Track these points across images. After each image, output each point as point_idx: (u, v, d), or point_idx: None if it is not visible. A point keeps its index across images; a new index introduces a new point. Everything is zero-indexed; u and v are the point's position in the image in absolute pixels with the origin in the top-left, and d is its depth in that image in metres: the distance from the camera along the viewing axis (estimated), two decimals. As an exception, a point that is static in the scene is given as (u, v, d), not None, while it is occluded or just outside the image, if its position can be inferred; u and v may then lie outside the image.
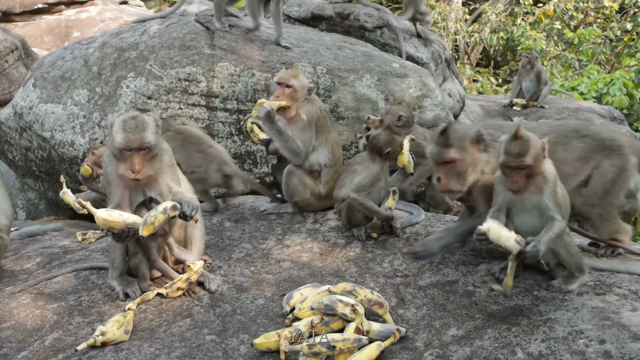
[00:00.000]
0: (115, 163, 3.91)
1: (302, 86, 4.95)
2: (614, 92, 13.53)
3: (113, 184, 3.97)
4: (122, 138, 3.79)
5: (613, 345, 3.11)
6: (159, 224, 3.73)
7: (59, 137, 6.67)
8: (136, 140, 3.79)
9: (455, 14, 18.63)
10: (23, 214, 7.88)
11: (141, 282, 4.01)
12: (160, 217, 3.72)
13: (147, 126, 3.85)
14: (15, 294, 4.12)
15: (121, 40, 7.23)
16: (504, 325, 3.41)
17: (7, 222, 4.53)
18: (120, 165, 3.85)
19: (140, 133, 3.81)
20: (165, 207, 3.75)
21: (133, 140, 3.78)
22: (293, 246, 4.59)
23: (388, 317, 3.53)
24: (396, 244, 4.52)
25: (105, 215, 3.67)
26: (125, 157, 3.82)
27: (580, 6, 18.73)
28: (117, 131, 3.82)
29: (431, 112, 6.98)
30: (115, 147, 3.83)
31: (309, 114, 4.98)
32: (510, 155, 3.45)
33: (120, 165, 3.85)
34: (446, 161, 3.80)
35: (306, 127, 4.98)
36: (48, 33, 15.17)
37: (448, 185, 3.82)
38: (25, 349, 3.54)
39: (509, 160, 3.45)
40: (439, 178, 3.82)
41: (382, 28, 8.95)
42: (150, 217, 3.69)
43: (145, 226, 3.68)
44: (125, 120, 3.86)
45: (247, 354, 3.41)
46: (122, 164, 3.84)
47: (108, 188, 4.04)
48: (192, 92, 6.66)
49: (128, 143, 3.78)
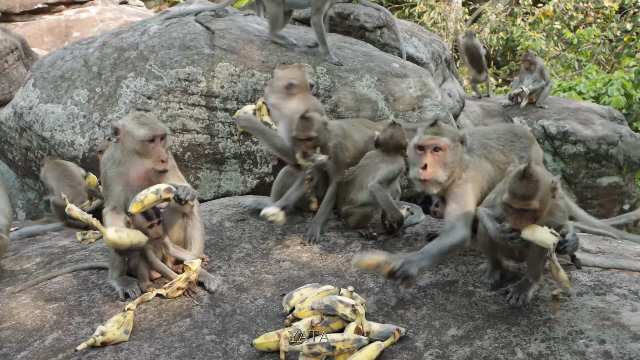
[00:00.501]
0: (128, 163, 3.90)
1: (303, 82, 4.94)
2: (612, 92, 13.54)
3: (112, 186, 3.97)
4: (147, 129, 3.83)
5: (613, 345, 3.11)
6: (149, 203, 3.75)
7: (59, 137, 6.67)
8: (160, 129, 3.86)
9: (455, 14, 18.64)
10: (23, 214, 7.88)
11: (141, 283, 4.01)
12: (151, 197, 3.75)
13: (157, 119, 4.00)
14: (15, 293, 4.11)
15: (121, 40, 7.23)
16: (504, 325, 3.41)
17: (6, 221, 4.53)
18: (142, 160, 3.85)
19: (159, 124, 3.91)
20: (158, 188, 3.77)
21: (158, 130, 3.84)
22: (293, 246, 4.59)
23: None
24: (396, 244, 4.52)
25: (115, 238, 3.68)
26: (149, 150, 3.83)
27: (580, 6, 18.74)
28: (135, 127, 3.84)
29: (431, 112, 6.98)
30: (138, 141, 3.82)
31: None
32: (516, 196, 3.25)
33: (143, 161, 3.86)
34: (437, 147, 3.74)
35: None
36: (48, 33, 15.16)
37: (434, 174, 3.72)
38: (25, 348, 3.54)
39: (513, 201, 3.26)
40: (425, 165, 3.72)
41: (382, 28, 8.95)
42: (141, 195, 3.73)
43: (135, 204, 3.72)
44: (138, 116, 3.93)
45: (247, 354, 3.41)
46: (146, 159, 3.85)
47: (105, 190, 4.03)
48: (192, 92, 6.67)
49: (154, 133, 3.82)
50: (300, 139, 4.62)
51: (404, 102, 7.03)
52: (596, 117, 10.11)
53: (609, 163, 9.61)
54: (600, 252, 4.19)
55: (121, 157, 3.93)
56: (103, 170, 4.03)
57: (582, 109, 10.49)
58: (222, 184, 6.73)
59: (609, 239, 4.65)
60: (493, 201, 3.65)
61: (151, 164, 3.86)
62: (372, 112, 6.84)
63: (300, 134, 4.61)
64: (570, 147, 9.59)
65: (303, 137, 4.60)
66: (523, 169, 3.27)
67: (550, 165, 9.62)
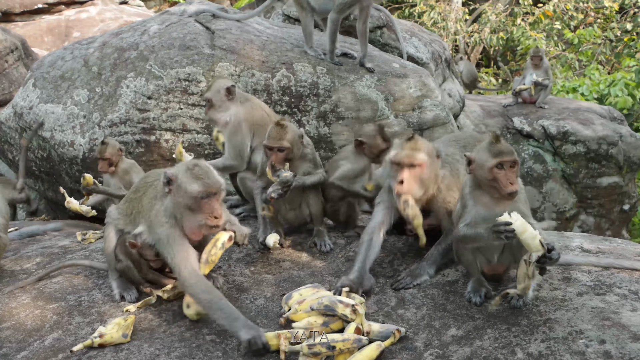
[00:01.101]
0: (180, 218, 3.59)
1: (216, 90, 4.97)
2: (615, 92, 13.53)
3: (177, 243, 3.61)
4: (201, 185, 3.50)
5: (613, 345, 3.11)
6: (218, 259, 3.68)
7: (59, 137, 6.67)
8: (214, 185, 3.53)
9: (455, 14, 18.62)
10: (23, 214, 7.88)
11: (138, 285, 4.02)
12: (219, 252, 3.67)
13: (213, 171, 3.63)
14: (15, 293, 4.12)
15: (121, 40, 7.23)
16: (504, 325, 3.41)
17: (4, 220, 4.54)
18: (195, 216, 3.54)
19: (214, 177, 3.56)
20: (223, 242, 3.67)
21: (212, 186, 3.51)
22: (293, 246, 4.59)
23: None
24: (396, 244, 4.52)
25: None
26: (202, 205, 3.51)
27: (580, 6, 18.73)
28: (189, 181, 3.51)
29: (431, 112, 6.99)
30: (191, 197, 3.50)
31: (237, 115, 4.90)
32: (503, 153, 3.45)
33: (196, 217, 3.54)
34: (414, 164, 3.76)
35: (236, 131, 4.87)
36: (48, 33, 15.17)
37: (411, 189, 3.77)
38: (25, 348, 3.54)
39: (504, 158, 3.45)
40: (402, 181, 3.76)
41: (382, 28, 8.95)
42: (211, 255, 3.62)
43: (207, 265, 3.62)
44: (192, 167, 3.57)
45: (247, 354, 3.41)
46: (198, 214, 3.53)
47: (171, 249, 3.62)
48: (192, 92, 6.67)
49: (208, 189, 3.50)
50: (271, 148, 4.32)
51: (404, 102, 7.03)
52: (596, 117, 10.10)
53: (609, 163, 9.61)
54: (600, 252, 4.19)
55: (173, 210, 3.61)
56: (158, 229, 3.65)
57: (582, 109, 10.48)
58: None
59: (609, 238, 4.65)
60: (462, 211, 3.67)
61: (203, 219, 3.53)
62: (372, 112, 6.84)
63: (271, 143, 4.31)
64: (570, 147, 9.59)
65: (274, 145, 4.30)
66: (495, 134, 3.51)
67: (550, 165, 9.62)
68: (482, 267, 3.78)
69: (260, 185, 4.58)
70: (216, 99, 5.00)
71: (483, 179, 3.52)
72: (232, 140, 4.96)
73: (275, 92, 6.76)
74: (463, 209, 3.65)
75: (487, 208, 3.56)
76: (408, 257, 4.29)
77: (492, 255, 3.71)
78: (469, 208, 3.62)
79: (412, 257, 4.27)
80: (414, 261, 4.20)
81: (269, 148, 4.31)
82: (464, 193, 3.66)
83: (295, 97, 6.81)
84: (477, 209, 3.59)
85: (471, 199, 3.62)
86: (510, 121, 10.11)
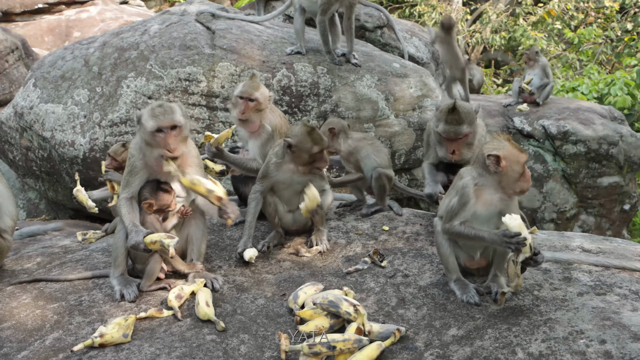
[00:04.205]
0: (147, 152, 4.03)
1: (265, 97, 4.82)
2: (615, 92, 13.51)
3: (134, 173, 4.05)
4: (154, 121, 3.93)
5: (613, 345, 3.11)
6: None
7: (60, 137, 6.67)
8: (167, 120, 3.95)
9: (456, 14, 18.62)
10: (23, 214, 7.89)
11: (145, 281, 4.01)
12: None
13: (176, 108, 4.07)
14: (16, 293, 4.12)
15: (121, 40, 7.23)
16: (505, 325, 3.41)
17: (12, 223, 4.54)
18: (156, 150, 3.99)
19: (170, 115, 3.99)
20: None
21: (165, 121, 3.94)
22: (293, 246, 4.59)
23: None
24: (396, 244, 4.52)
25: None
26: (158, 140, 3.95)
27: (580, 6, 18.72)
28: (147, 118, 3.96)
29: (431, 112, 6.98)
30: (148, 133, 3.94)
31: (272, 124, 4.86)
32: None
33: (155, 150, 3.99)
34: (460, 137, 4.38)
35: (269, 139, 4.83)
36: (48, 33, 15.16)
37: (462, 156, 4.42)
38: (26, 348, 3.54)
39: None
40: (454, 151, 4.43)
41: (382, 28, 8.95)
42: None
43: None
44: (154, 107, 4.02)
45: (247, 354, 3.41)
46: (156, 149, 3.98)
47: (128, 177, 4.08)
48: (192, 92, 6.67)
49: (159, 124, 3.92)
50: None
51: (404, 101, 7.03)
52: (597, 117, 10.08)
53: (609, 163, 9.59)
54: (601, 252, 4.19)
55: (142, 145, 4.05)
56: (131, 161, 4.08)
57: (582, 108, 10.45)
58: (222, 183, 6.72)
59: (610, 238, 4.65)
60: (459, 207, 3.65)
61: (161, 152, 3.97)
62: (372, 112, 6.85)
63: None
64: (570, 147, 9.57)
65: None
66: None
67: (551, 165, 9.61)
68: (464, 263, 3.84)
69: (258, 189, 4.56)
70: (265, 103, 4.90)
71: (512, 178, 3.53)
72: (267, 147, 4.82)
73: (276, 92, 6.76)
74: (461, 205, 3.64)
75: (487, 207, 3.58)
76: (408, 257, 4.30)
77: (475, 252, 3.77)
78: (469, 206, 3.62)
79: (412, 257, 4.27)
80: (414, 261, 4.20)
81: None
82: (466, 190, 3.64)
83: (296, 97, 6.82)
84: (478, 208, 3.60)
85: (474, 197, 3.61)
86: (511, 121, 10.10)
